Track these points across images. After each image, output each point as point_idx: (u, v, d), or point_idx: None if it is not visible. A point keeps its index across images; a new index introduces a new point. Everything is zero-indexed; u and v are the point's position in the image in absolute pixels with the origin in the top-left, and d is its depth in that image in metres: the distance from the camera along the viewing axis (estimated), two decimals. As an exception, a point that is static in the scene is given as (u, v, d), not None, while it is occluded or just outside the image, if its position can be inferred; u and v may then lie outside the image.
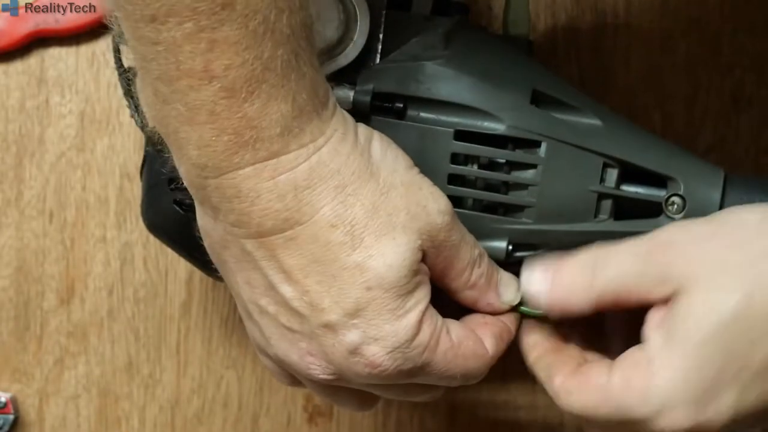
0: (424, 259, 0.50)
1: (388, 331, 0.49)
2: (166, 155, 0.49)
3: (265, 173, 0.46)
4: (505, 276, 0.55)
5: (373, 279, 0.48)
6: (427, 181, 0.51)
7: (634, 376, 0.49)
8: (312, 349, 0.50)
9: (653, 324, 0.49)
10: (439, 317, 0.52)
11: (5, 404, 0.72)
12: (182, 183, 0.49)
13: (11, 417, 0.72)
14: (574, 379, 0.51)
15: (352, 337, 0.49)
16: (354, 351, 0.49)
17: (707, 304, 0.47)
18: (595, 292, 0.51)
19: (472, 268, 0.53)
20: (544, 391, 0.54)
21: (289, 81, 0.45)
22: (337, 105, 0.49)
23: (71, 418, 0.73)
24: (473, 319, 0.55)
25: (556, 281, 0.52)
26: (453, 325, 0.53)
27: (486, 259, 0.54)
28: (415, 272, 0.49)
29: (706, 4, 0.69)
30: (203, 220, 0.50)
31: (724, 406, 0.47)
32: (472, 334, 0.53)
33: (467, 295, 0.54)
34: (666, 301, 0.49)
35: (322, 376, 0.51)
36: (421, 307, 0.50)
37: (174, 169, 0.49)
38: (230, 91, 0.44)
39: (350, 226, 0.48)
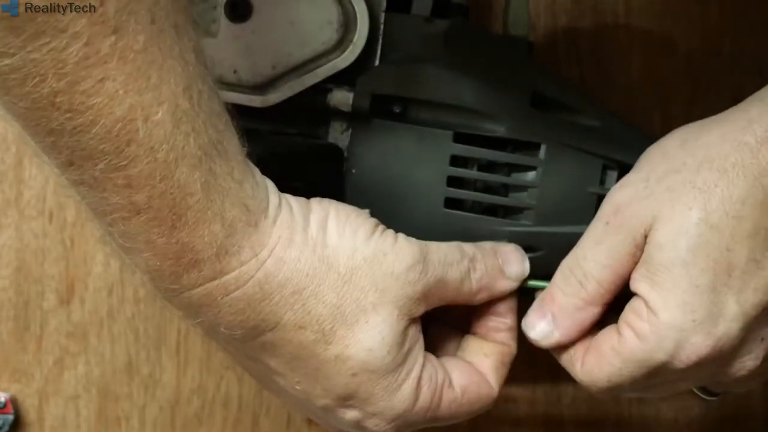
0: (412, 318, 0.51)
1: (383, 406, 0.50)
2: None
3: (216, 292, 0.47)
4: (506, 250, 0.54)
5: (357, 366, 0.49)
6: (389, 240, 0.51)
7: (641, 325, 0.50)
8: (322, 415, 0.52)
9: (637, 275, 0.51)
10: (439, 372, 0.52)
11: (5, 404, 0.72)
12: None
13: (11, 417, 0.72)
14: (589, 357, 0.53)
15: (351, 414, 0.51)
16: (357, 424, 0.51)
17: (673, 230, 0.49)
18: (593, 298, 0.52)
19: (470, 279, 0.53)
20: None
21: (213, 202, 0.45)
22: (282, 206, 0.49)
23: (71, 418, 0.73)
24: (473, 354, 0.55)
25: (558, 317, 0.53)
26: (455, 372, 0.53)
27: (479, 258, 0.53)
28: (400, 344, 0.50)
29: (706, 4, 0.69)
30: None
31: (730, 314, 0.49)
32: (475, 375, 0.53)
33: (479, 299, 0.54)
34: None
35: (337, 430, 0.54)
36: (415, 373, 0.51)
37: None
38: (158, 220, 0.44)
39: (318, 324, 0.48)
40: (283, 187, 0.50)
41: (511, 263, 0.54)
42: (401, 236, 0.51)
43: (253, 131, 0.56)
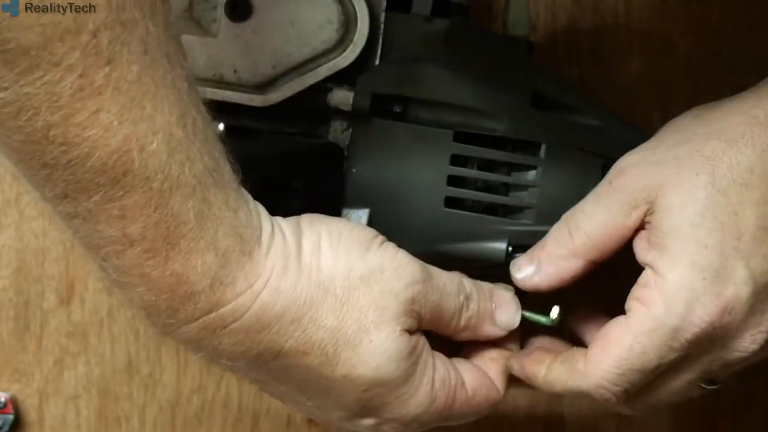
0: (413, 330, 0.51)
1: (398, 413, 0.51)
2: None
3: (214, 325, 0.47)
4: (503, 297, 0.55)
5: (366, 383, 0.49)
6: (388, 254, 0.50)
7: (648, 293, 0.50)
8: (337, 423, 0.53)
9: (645, 243, 0.51)
10: (452, 372, 0.52)
11: (5, 404, 0.72)
12: None
13: (11, 417, 0.72)
14: (594, 347, 0.52)
15: (367, 422, 0.51)
16: (374, 428, 0.51)
17: (680, 194, 0.50)
18: (578, 250, 0.52)
19: (460, 316, 0.53)
20: (543, 391, 0.54)
21: (206, 231, 0.45)
22: (275, 233, 0.48)
23: (71, 418, 0.73)
24: (481, 356, 0.55)
25: (542, 263, 0.53)
26: (466, 373, 0.53)
27: (474, 298, 0.54)
28: (407, 356, 0.50)
29: (706, 4, 0.69)
30: None
31: (740, 277, 0.49)
32: (485, 379, 0.54)
33: (463, 336, 0.54)
34: (644, 224, 0.51)
35: None
36: (428, 378, 0.51)
37: None
38: (152, 251, 0.44)
39: (320, 349, 0.48)
40: (283, 186, 0.50)
41: (503, 310, 0.55)
42: (402, 252, 0.51)
43: (253, 131, 0.56)
